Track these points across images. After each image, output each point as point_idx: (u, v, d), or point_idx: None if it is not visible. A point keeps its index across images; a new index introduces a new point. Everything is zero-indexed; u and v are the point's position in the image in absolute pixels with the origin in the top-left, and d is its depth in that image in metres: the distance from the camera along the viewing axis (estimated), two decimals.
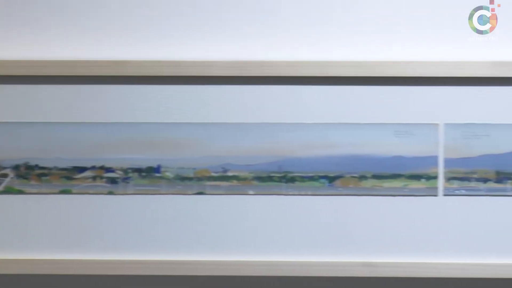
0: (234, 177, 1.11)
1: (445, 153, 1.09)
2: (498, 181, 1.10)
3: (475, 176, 1.10)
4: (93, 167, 1.11)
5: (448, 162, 1.10)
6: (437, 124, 1.09)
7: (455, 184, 1.10)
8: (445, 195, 1.10)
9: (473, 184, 1.10)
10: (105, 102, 1.10)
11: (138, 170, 1.11)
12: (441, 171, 1.10)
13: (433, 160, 1.10)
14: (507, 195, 1.10)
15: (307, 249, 1.11)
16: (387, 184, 1.10)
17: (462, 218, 1.10)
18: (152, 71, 1.08)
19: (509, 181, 1.10)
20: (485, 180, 1.10)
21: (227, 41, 1.10)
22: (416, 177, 1.10)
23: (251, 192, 1.11)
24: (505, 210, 1.10)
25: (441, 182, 1.10)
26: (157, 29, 1.10)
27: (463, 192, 1.10)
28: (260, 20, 1.10)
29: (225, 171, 1.11)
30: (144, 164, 1.11)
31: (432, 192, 1.10)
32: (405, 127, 1.09)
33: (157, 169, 1.11)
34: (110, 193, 1.11)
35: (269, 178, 1.11)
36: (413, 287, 1.15)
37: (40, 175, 1.11)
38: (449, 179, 1.10)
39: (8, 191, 1.12)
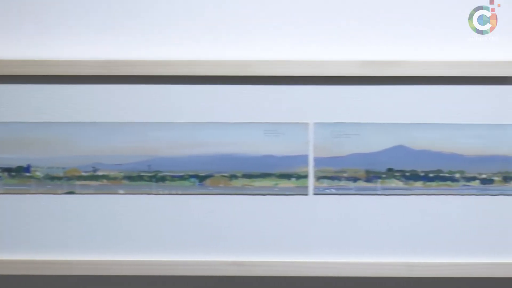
0: (104, 177, 1.10)
1: (315, 152, 1.10)
2: (368, 180, 1.10)
3: (345, 175, 1.10)
4: None
5: (318, 161, 1.10)
6: (307, 124, 1.09)
7: (325, 183, 1.10)
8: (315, 194, 1.10)
9: (343, 183, 1.10)
10: None
11: (8, 170, 1.10)
12: (311, 170, 1.10)
13: (303, 159, 1.10)
14: (377, 194, 1.10)
15: (177, 249, 1.11)
16: (257, 183, 1.10)
17: (332, 216, 1.10)
18: (19, 70, 1.07)
19: (379, 180, 1.10)
20: (355, 179, 1.10)
21: (96, 39, 1.09)
22: (286, 176, 1.10)
23: (121, 191, 1.11)
24: (374, 209, 1.10)
25: (311, 181, 1.10)
26: (23, 28, 1.09)
27: (333, 191, 1.10)
28: (130, 19, 1.09)
29: (95, 170, 1.10)
30: (13, 164, 1.10)
31: (302, 191, 1.10)
32: (275, 126, 1.09)
33: (26, 169, 1.10)
34: None
35: (139, 178, 1.10)
36: (283, 286, 1.15)
37: None
38: (319, 178, 1.10)
39: None
